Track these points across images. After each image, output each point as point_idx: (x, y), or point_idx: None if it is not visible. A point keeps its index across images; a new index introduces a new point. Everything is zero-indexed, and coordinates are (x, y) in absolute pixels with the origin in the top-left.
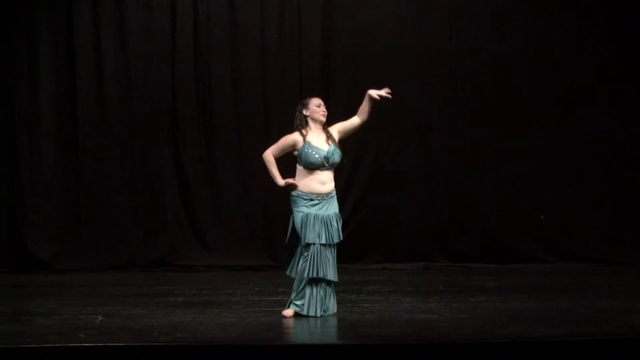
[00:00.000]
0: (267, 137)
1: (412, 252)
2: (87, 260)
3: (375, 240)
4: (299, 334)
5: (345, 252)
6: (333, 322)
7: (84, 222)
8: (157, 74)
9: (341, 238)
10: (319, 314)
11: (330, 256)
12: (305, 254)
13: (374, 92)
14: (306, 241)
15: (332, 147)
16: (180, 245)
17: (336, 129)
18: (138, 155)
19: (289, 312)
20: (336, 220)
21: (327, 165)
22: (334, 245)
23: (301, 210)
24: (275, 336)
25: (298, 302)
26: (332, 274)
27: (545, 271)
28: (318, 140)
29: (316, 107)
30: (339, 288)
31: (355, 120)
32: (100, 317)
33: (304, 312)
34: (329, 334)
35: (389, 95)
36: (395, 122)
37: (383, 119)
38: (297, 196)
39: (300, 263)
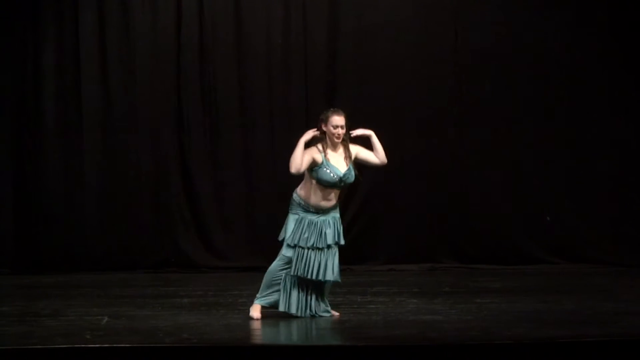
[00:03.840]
0: (273, 138)
1: (418, 254)
2: (92, 261)
3: (381, 241)
4: (305, 335)
5: (351, 254)
6: (339, 323)
7: (89, 223)
8: (163, 74)
9: (341, 241)
10: (292, 311)
11: (313, 258)
12: (289, 254)
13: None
14: (293, 242)
15: (350, 167)
16: (186, 246)
17: (355, 152)
18: (143, 156)
19: (255, 312)
20: (334, 223)
21: (340, 185)
22: (329, 247)
23: (297, 213)
24: (281, 337)
25: (270, 294)
26: (316, 273)
27: (550, 272)
28: (336, 157)
29: (332, 128)
30: (345, 289)
31: (373, 158)
32: (105, 318)
33: (281, 308)
34: (335, 335)
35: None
36: (400, 122)
37: (389, 121)
38: (298, 204)
39: (279, 263)
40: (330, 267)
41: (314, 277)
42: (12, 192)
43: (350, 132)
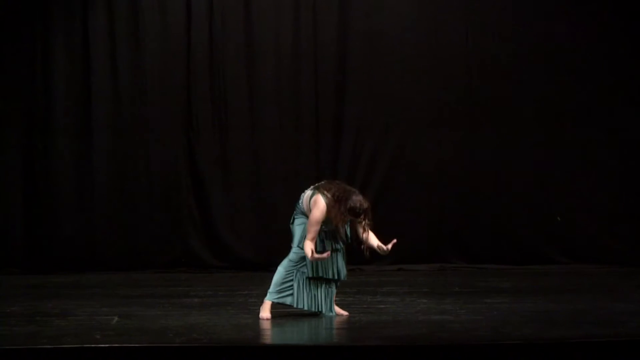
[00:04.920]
0: (282, 138)
1: (428, 253)
2: (101, 260)
3: (390, 241)
4: (315, 335)
5: (360, 253)
6: (349, 323)
7: (99, 223)
8: (172, 74)
9: (349, 241)
10: (306, 308)
11: (328, 259)
12: (300, 254)
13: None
14: (301, 246)
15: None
16: (196, 246)
17: (360, 228)
18: (152, 156)
19: (265, 311)
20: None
21: None
22: (336, 250)
23: (303, 223)
24: (291, 337)
25: (282, 291)
26: (332, 273)
27: (560, 272)
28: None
29: (343, 219)
30: (355, 289)
31: (360, 232)
32: (115, 318)
33: (293, 304)
34: (345, 335)
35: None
36: (410, 122)
37: (399, 121)
38: (302, 213)
39: (290, 261)
40: (342, 267)
41: (330, 276)
42: (22, 191)
43: (382, 246)
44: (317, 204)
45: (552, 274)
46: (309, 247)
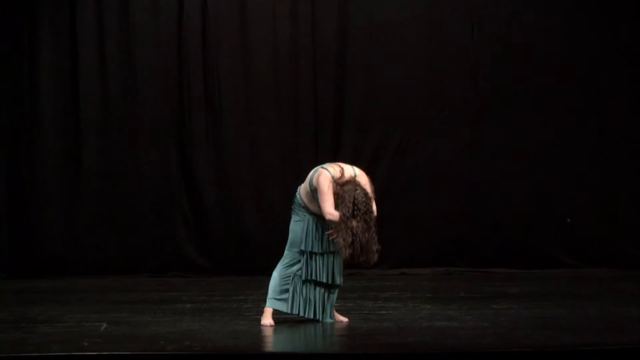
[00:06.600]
0: (279, 136)
1: (432, 257)
2: (91, 265)
3: (393, 244)
4: (314, 342)
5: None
6: (349, 330)
7: (88, 225)
8: (163, 71)
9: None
10: (302, 314)
11: (321, 262)
12: (295, 256)
13: None
14: (302, 249)
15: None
16: (189, 250)
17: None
18: (143, 156)
19: (267, 318)
20: None
21: None
22: (332, 252)
23: (302, 219)
24: (288, 344)
25: (280, 297)
26: (326, 277)
27: (571, 277)
28: None
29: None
30: (356, 294)
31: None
32: (104, 325)
33: (288, 310)
34: (345, 343)
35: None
36: (414, 122)
37: (402, 119)
38: (300, 205)
39: (284, 265)
40: (338, 272)
41: (323, 280)
42: (8, 193)
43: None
44: (322, 175)
45: (561, 278)
46: (334, 213)
